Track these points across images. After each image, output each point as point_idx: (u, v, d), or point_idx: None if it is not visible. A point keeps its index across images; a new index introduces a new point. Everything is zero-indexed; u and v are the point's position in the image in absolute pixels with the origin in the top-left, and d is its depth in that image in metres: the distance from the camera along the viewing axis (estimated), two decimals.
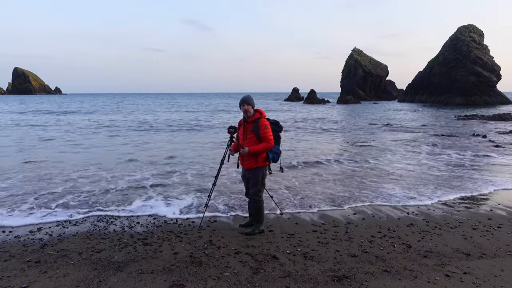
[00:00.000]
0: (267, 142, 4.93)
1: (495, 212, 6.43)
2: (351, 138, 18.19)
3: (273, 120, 5.23)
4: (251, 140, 5.02)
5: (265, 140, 4.94)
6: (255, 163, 5.05)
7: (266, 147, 4.95)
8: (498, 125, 24.29)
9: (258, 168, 5.08)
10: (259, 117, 5.04)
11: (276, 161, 5.18)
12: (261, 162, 5.05)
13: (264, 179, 5.21)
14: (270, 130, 5.00)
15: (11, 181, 8.54)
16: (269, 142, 4.94)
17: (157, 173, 9.61)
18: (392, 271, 4.06)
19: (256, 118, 5.04)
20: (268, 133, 4.94)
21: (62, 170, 9.92)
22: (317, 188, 8.11)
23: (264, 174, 5.17)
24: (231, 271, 4.02)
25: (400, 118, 31.68)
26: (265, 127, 4.94)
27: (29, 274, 3.98)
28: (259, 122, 4.98)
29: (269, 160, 5.09)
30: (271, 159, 5.10)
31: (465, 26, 69.57)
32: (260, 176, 5.11)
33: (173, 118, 32.52)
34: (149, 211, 6.43)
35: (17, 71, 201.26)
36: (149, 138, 18.06)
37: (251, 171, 5.13)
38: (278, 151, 5.16)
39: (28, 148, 14.65)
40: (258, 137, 4.96)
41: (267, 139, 4.93)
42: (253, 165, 5.07)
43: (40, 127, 23.89)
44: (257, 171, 5.09)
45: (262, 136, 4.94)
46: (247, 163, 5.10)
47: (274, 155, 5.11)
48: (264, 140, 4.94)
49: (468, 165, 11.01)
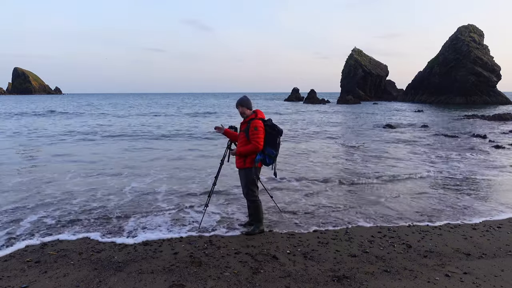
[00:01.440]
0: (253, 144, 4.94)
1: (495, 212, 6.43)
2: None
3: (271, 123, 5.11)
4: (241, 141, 5.08)
5: (252, 141, 4.95)
6: (243, 164, 5.11)
7: (252, 149, 4.95)
8: (498, 125, 24.28)
9: (246, 169, 5.11)
10: (253, 118, 5.04)
11: (268, 164, 5.11)
12: (248, 163, 5.08)
13: (254, 180, 5.18)
14: (261, 132, 4.95)
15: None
16: (255, 144, 4.93)
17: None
18: (392, 271, 4.06)
19: (250, 119, 5.05)
20: (256, 135, 4.92)
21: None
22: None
23: (252, 175, 5.13)
24: (231, 271, 4.02)
25: (400, 118, 31.67)
26: (255, 128, 4.92)
27: (29, 274, 3.99)
28: (250, 123, 5.00)
29: (256, 162, 5.04)
30: (261, 161, 5.06)
31: (465, 26, 69.59)
32: (249, 177, 5.12)
33: (117, 124, 25.93)
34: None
35: (17, 71, 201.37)
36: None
37: (240, 171, 5.22)
38: (272, 155, 5.05)
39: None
40: (248, 138, 4.98)
41: (254, 141, 4.93)
42: (241, 165, 5.14)
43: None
44: (245, 171, 5.13)
45: (250, 138, 4.96)
46: (237, 162, 5.20)
47: (266, 158, 5.05)
48: (252, 142, 4.95)
49: (467, 166, 11.01)
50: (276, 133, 5.04)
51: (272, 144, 5.04)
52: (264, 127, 5.02)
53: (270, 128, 5.03)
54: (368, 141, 16.66)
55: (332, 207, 6.71)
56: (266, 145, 5.02)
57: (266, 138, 5.01)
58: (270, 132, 5.02)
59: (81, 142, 16.48)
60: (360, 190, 8.00)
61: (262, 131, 4.97)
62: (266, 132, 5.01)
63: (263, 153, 5.03)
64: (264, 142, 4.99)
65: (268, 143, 5.02)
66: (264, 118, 5.16)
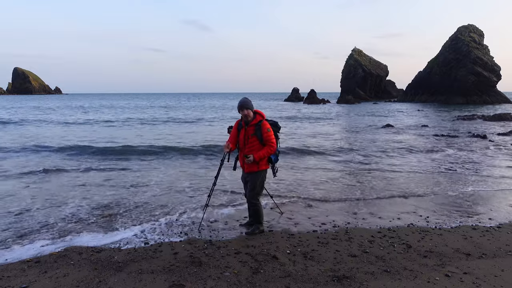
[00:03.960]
0: (269, 146, 4.88)
1: (495, 212, 6.43)
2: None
3: (272, 121, 5.16)
4: (253, 144, 4.94)
5: (267, 143, 4.88)
6: (257, 167, 5.00)
7: (269, 152, 4.89)
8: (498, 125, 24.28)
9: (259, 172, 5.03)
10: (261, 120, 4.96)
11: (276, 162, 5.17)
12: (262, 165, 5.01)
13: (263, 182, 5.19)
14: (273, 133, 4.95)
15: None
16: (271, 146, 4.88)
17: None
18: (392, 271, 4.05)
19: (258, 121, 4.94)
20: (270, 136, 4.89)
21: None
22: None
23: (263, 178, 5.14)
24: (231, 271, 4.02)
25: (400, 119, 31.66)
26: (268, 130, 4.87)
27: (29, 274, 3.98)
28: (261, 125, 4.89)
29: (272, 163, 5.08)
30: (273, 161, 5.10)
31: (465, 26, 69.56)
32: (259, 180, 5.09)
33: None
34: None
35: (17, 71, 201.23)
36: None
37: (250, 175, 5.08)
38: (277, 152, 5.15)
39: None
40: (261, 141, 4.90)
41: (270, 143, 4.87)
42: (254, 169, 5.00)
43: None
44: (257, 175, 5.05)
45: (265, 140, 4.87)
46: (248, 166, 5.03)
47: (276, 157, 5.12)
48: (267, 144, 4.88)
49: (467, 166, 11.01)
50: (277, 130, 5.13)
51: (276, 142, 5.08)
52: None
53: (274, 126, 5.08)
54: (368, 141, 16.66)
55: (332, 206, 6.71)
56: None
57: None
58: (274, 130, 5.05)
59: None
60: (360, 189, 8.00)
61: (272, 131, 4.98)
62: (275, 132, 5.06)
63: (275, 152, 5.06)
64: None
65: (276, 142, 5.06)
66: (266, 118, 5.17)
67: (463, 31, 68.26)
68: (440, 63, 68.29)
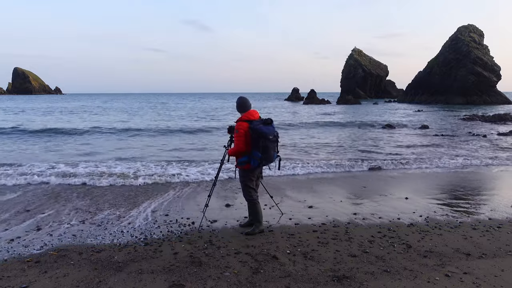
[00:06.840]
0: (234, 146, 5.11)
1: (495, 212, 6.43)
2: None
3: (258, 126, 4.92)
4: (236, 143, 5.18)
5: (234, 143, 5.13)
6: (236, 164, 5.25)
7: (235, 151, 5.08)
8: (498, 125, 24.28)
9: (238, 169, 5.27)
10: (238, 120, 5.13)
11: (256, 166, 5.04)
12: (238, 165, 5.20)
13: (245, 182, 5.22)
14: (241, 135, 4.96)
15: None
16: (235, 146, 5.05)
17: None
18: (392, 271, 4.06)
19: (238, 121, 5.13)
20: (236, 137, 5.03)
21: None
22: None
23: (243, 178, 5.21)
24: (231, 271, 4.02)
25: (400, 119, 31.66)
26: (236, 131, 5.04)
27: (29, 274, 3.99)
28: (235, 125, 5.12)
29: (239, 163, 5.11)
30: (246, 163, 5.06)
31: (465, 26, 69.55)
32: (242, 178, 5.24)
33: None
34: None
35: (17, 71, 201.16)
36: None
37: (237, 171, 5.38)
38: (257, 157, 4.95)
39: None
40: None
41: (235, 143, 5.08)
42: (236, 166, 5.27)
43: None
44: (238, 172, 5.30)
45: (234, 140, 5.15)
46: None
47: (252, 160, 5.01)
48: (234, 143, 5.14)
49: (467, 166, 11.01)
50: (257, 136, 4.87)
51: (257, 147, 4.92)
52: (247, 129, 4.94)
53: (252, 131, 4.90)
54: (368, 141, 16.67)
55: (332, 207, 6.71)
56: (252, 148, 4.96)
57: (252, 141, 4.95)
58: (251, 135, 4.92)
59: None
60: (360, 189, 8.00)
61: (243, 134, 4.95)
62: (251, 135, 4.93)
63: (249, 155, 5.03)
64: (251, 144, 4.96)
65: (253, 145, 4.95)
66: (252, 119, 5.03)
67: (463, 31, 68.25)
68: (440, 63, 68.28)
